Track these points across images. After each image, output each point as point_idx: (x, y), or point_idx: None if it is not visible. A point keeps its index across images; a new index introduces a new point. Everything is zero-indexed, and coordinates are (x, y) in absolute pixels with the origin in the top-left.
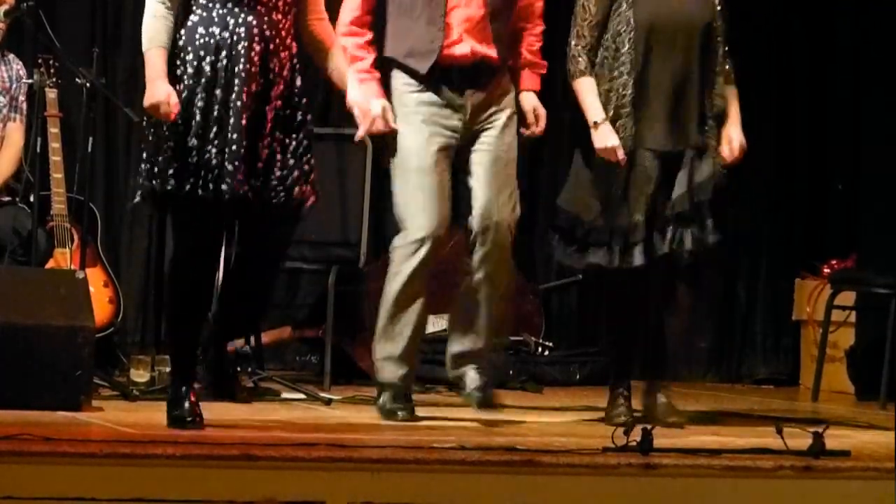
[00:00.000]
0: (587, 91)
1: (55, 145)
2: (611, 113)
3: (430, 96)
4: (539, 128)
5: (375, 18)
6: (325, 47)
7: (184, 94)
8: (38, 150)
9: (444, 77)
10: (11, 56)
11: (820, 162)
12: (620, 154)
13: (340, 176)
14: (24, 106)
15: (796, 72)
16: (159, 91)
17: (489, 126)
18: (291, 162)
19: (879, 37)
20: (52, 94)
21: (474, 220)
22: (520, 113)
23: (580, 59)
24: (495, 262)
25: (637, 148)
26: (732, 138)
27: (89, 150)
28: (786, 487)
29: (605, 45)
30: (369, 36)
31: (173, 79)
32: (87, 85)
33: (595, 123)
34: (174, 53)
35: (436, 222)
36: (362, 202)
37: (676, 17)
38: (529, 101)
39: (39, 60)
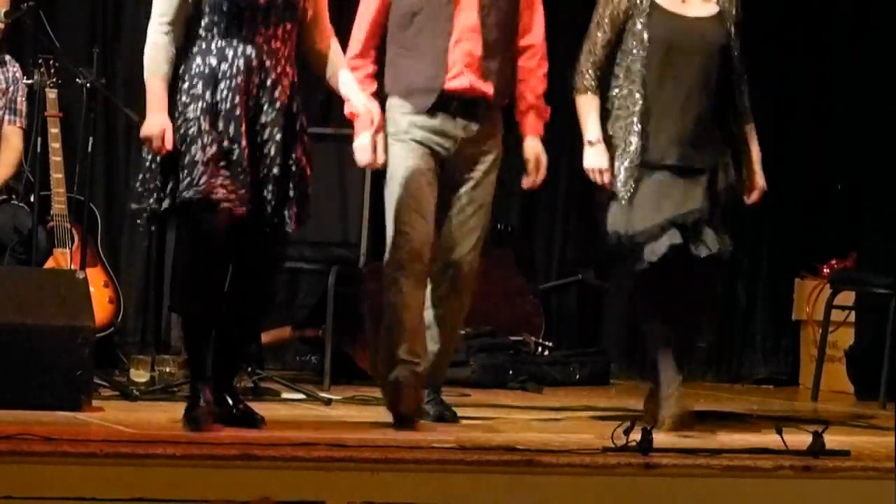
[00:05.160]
0: (588, 109)
1: (55, 145)
2: (623, 127)
3: (423, 120)
4: (539, 177)
5: (379, 52)
6: (325, 58)
7: (180, 122)
8: (39, 150)
9: (440, 106)
10: (8, 58)
11: (820, 162)
12: (606, 178)
13: (340, 176)
14: (24, 108)
15: (796, 72)
16: (154, 124)
17: (473, 171)
18: (288, 185)
19: (879, 37)
20: (52, 94)
21: (439, 260)
22: (508, 155)
23: (587, 74)
24: (454, 303)
25: (648, 164)
26: (755, 184)
27: (89, 150)
28: (785, 487)
29: (618, 63)
30: (371, 69)
31: (172, 106)
32: (87, 85)
33: (589, 142)
34: (174, 82)
35: (419, 241)
36: (362, 202)
37: (691, 38)
38: (532, 148)
39: (39, 60)
